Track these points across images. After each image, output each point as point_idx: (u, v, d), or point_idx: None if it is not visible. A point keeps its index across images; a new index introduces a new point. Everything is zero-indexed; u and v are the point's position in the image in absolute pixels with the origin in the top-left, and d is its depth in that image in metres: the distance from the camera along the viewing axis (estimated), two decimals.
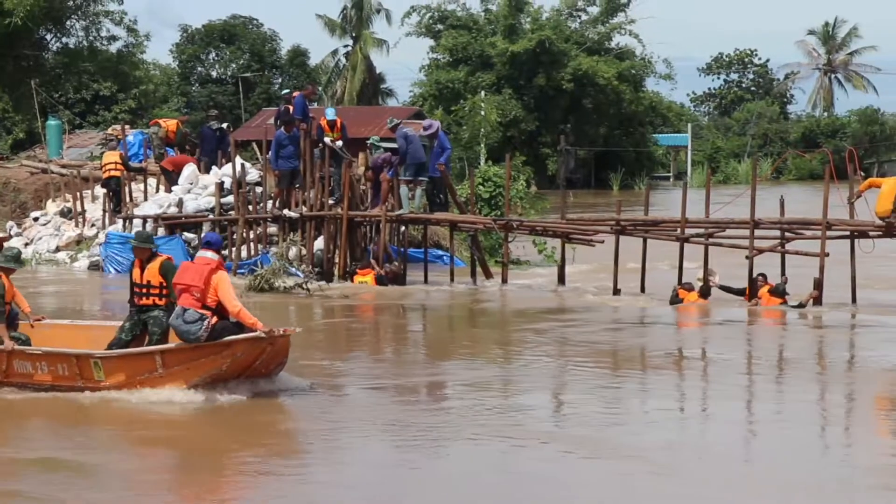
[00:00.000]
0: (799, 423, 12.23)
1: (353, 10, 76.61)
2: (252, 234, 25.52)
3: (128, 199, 28.15)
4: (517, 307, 21.58)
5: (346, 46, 77.98)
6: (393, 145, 25.13)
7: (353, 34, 76.93)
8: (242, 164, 26.60)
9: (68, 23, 47.69)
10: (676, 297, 21.36)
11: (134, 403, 12.47)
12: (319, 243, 24.88)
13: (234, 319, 12.52)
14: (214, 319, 12.47)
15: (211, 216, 26.11)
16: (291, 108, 25.96)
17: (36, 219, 30.50)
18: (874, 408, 13.48)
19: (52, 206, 30.82)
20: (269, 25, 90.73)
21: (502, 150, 46.63)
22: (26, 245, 28.67)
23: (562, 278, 23.43)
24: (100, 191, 29.72)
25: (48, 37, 48.87)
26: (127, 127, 34.17)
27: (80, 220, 29.44)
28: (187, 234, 26.17)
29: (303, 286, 22.38)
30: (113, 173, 28.42)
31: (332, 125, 25.90)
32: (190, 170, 27.53)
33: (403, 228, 25.77)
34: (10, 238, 23.89)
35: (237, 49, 71.17)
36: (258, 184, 26.26)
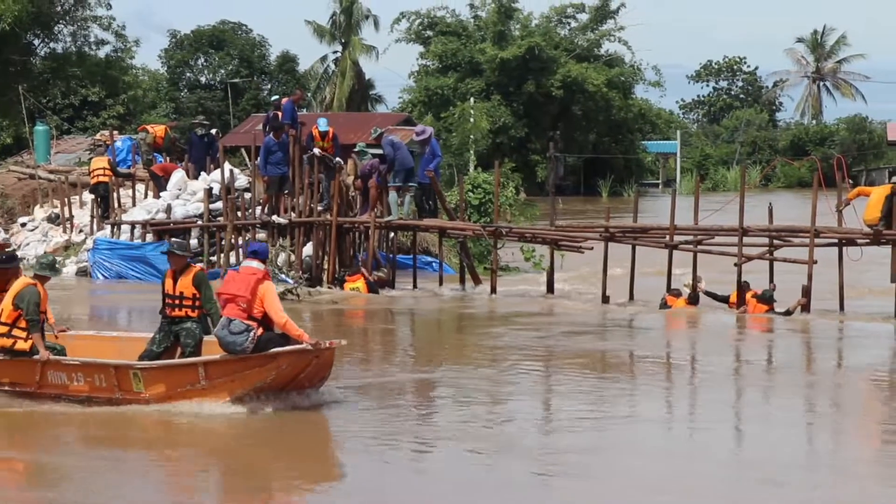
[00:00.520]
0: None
1: (342, 16, 76.63)
2: (241, 241, 25.48)
3: (116, 205, 28.12)
4: (503, 312, 21.54)
5: (335, 52, 78.10)
6: (381, 151, 25.03)
7: (343, 40, 76.96)
8: (231, 170, 26.57)
9: (56, 28, 47.44)
10: (665, 304, 21.38)
11: (172, 414, 12.19)
12: (308, 249, 24.87)
13: (279, 331, 12.25)
14: (260, 331, 12.19)
15: (199, 222, 26.08)
16: (280, 113, 25.93)
17: (23, 224, 30.37)
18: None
19: (40, 212, 30.70)
20: (258, 31, 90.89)
21: (491, 156, 46.68)
22: (14, 251, 28.52)
23: (550, 285, 23.41)
24: (88, 197, 29.65)
25: (36, 42, 48.65)
26: (115, 132, 34.11)
27: (68, 225, 29.36)
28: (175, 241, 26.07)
29: (292, 292, 22.34)
30: (101, 179, 28.38)
31: (323, 136, 25.56)
32: (178, 176, 27.48)
33: (392, 235, 25.75)
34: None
35: (226, 55, 71.18)
36: (247, 190, 26.23)
